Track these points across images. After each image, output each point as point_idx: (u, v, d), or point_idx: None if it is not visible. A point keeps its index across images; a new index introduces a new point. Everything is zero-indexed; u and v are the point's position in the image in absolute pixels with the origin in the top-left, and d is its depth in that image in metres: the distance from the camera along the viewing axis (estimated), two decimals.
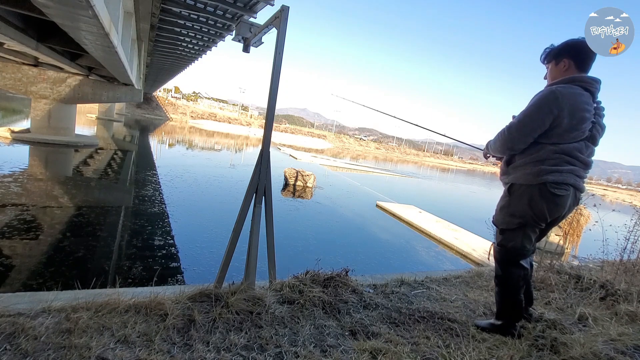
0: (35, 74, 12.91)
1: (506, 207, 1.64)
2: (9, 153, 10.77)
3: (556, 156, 1.52)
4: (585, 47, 1.56)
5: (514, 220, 1.61)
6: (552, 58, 1.64)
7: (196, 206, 8.25)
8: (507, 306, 1.70)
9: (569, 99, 1.48)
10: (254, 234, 1.90)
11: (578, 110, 1.48)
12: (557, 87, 1.53)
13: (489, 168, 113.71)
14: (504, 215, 1.65)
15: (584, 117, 1.50)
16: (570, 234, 8.10)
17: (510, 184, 1.63)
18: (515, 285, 1.66)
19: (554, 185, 1.50)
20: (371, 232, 8.74)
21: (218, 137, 36.86)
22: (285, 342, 1.45)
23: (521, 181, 1.58)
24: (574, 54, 1.57)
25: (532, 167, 1.54)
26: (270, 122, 1.98)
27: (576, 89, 1.51)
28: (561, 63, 1.60)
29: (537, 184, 1.53)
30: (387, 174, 26.32)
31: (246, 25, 2.38)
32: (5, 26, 6.34)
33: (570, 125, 1.49)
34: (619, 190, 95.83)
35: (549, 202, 1.53)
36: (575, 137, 1.52)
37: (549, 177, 1.50)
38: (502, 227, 1.67)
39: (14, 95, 26.64)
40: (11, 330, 1.20)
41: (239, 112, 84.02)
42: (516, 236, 1.63)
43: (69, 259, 4.43)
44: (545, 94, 1.53)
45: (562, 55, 1.60)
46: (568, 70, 1.59)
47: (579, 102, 1.49)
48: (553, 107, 1.48)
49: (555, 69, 1.63)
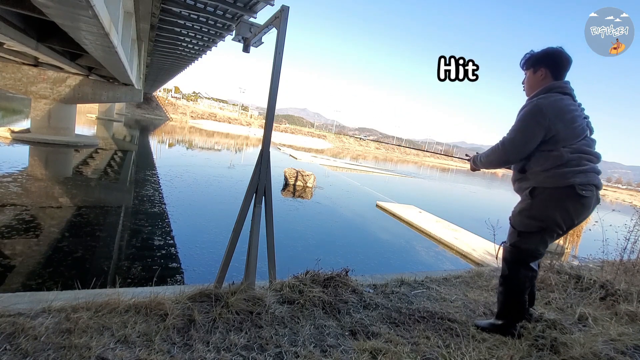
0: (35, 74, 12.90)
1: (527, 209, 1.64)
2: (9, 153, 10.77)
3: (575, 156, 1.54)
4: (561, 56, 1.63)
5: (533, 223, 1.61)
6: (530, 66, 1.71)
7: (196, 206, 8.25)
8: (510, 306, 1.72)
9: (552, 107, 1.55)
10: (254, 234, 1.90)
11: (565, 112, 1.55)
12: (537, 99, 1.60)
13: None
14: (523, 217, 1.65)
15: (574, 116, 1.56)
16: (570, 234, 8.10)
17: (532, 187, 1.62)
18: (521, 286, 1.68)
19: (581, 187, 1.52)
20: (371, 232, 8.74)
21: (218, 137, 36.86)
22: (285, 342, 1.45)
23: (546, 184, 1.57)
24: (551, 64, 1.64)
25: (555, 170, 1.55)
26: (270, 122, 1.98)
27: (556, 96, 1.59)
28: (539, 72, 1.68)
29: (565, 186, 1.54)
30: (387, 174, 26.33)
31: (246, 25, 2.38)
32: (5, 26, 6.34)
33: (566, 127, 1.54)
34: (619, 190, 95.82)
35: (576, 204, 1.54)
36: (578, 135, 1.57)
37: (576, 179, 1.52)
38: (520, 230, 1.66)
39: (14, 95, 26.62)
40: (11, 330, 1.20)
41: (239, 112, 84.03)
42: (533, 239, 1.63)
43: (69, 259, 4.43)
44: (529, 109, 1.60)
45: (539, 64, 1.67)
46: (545, 79, 1.66)
47: (562, 106, 1.56)
48: (539, 118, 1.55)
49: (533, 77, 1.71)
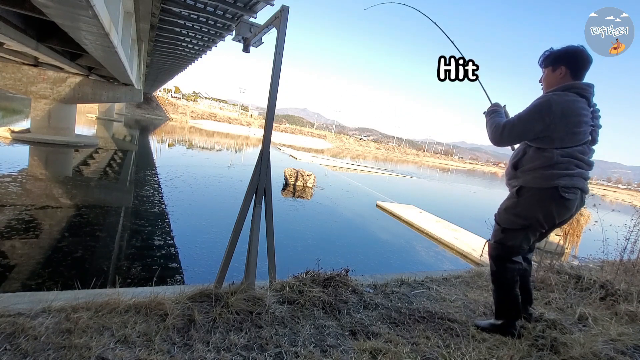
0: (35, 74, 12.90)
1: (512, 207, 1.69)
2: (9, 153, 10.77)
3: (565, 160, 1.56)
4: (582, 55, 1.60)
5: (518, 220, 1.66)
6: (549, 64, 1.68)
7: (196, 206, 8.25)
8: (504, 303, 1.74)
9: (563, 106, 1.53)
10: (254, 234, 1.90)
11: (573, 115, 1.54)
12: (552, 94, 1.59)
13: (489, 168, 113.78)
14: (509, 215, 1.70)
15: (581, 121, 1.55)
16: (570, 234, 8.11)
17: (520, 187, 1.67)
18: (510, 279, 1.71)
19: (564, 189, 1.56)
20: (371, 232, 8.74)
21: (218, 137, 36.87)
22: (285, 342, 1.45)
23: (532, 184, 1.62)
24: (571, 62, 1.61)
25: (543, 171, 1.59)
26: (270, 122, 1.98)
27: (571, 96, 1.56)
28: (558, 70, 1.64)
29: (549, 187, 1.58)
30: (387, 174, 26.32)
31: (246, 25, 2.38)
32: (5, 26, 6.34)
33: (567, 129, 1.54)
34: (619, 190, 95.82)
35: (558, 205, 1.59)
36: (577, 140, 1.57)
37: (560, 181, 1.55)
38: (505, 226, 1.71)
39: (14, 95, 26.62)
40: (11, 330, 1.20)
41: (239, 112, 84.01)
42: (517, 236, 1.68)
43: (69, 259, 4.43)
44: (540, 102, 1.59)
45: (559, 63, 1.64)
46: (564, 77, 1.63)
47: (573, 108, 1.54)
48: (545, 114, 1.54)
49: (551, 75, 1.67)
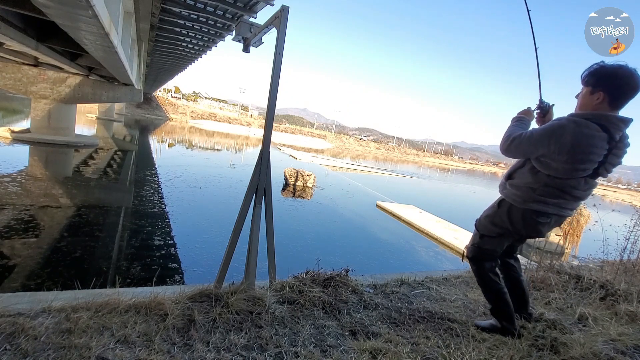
0: (35, 74, 12.90)
1: (491, 216, 1.77)
2: (9, 153, 10.76)
3: (548, 189, 1.55)
4: (628, 84, 1.44)
5: (494, 229, 1.75)
6: (589, 84, 1.52)
7: (196, 206, 8.25)
8: (493, 300, 1.80)
9: (576, 139, 1.43)
10: (254, 234, 1.90)
11: (582, 152, 1.45)
12: (573, 121, 1.48)
13: (489, 168, 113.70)
14: (487, 222, 1.78)
15: (586, 159, 1.46)
16: (570, 234, 8.11)
17: (502, 199, 1.74)
18: (493, 276, 1.78)
19: (536, 213, 1.60)
20: (371, 232, 8.74)
21: (218, 137, 36.85)
22: (285, 342, 1.45)
23: (511, 200, 1.68)
24: (612, 90, 1.46)
25: (523, 191, 1.62)
26: (270, 122, 1.98)
27: (592, 130, 1.44)
28: (596, 94, 1.49)
29: (522, 208, 1.63)
30: (387, 174, 26.32)
31: (246, 25, 2.38)
32: (5, 26, 6.34)
33: (568, 163, 1.47)
34: (619, 190, 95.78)
35: (528, 226, 1.65)
36: (573, 175, 1.50)
37: (533, 205, 1.59)
38: (482, 233, 1.80)
39: (14, 95, 26.63)
40: (11, 330, 1.20)
41: (239, 112, 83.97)
42: (492, 242, 1.78)
43: (68, 259, 4.43)
44: (555, 127, 1.49)
45: (599, 86, 1.48)
46: (600, 104, 1.49)
47: (586, 145, 1.44)
48: (553, 142, 1.47)
49: (588, 97, 1.52)
